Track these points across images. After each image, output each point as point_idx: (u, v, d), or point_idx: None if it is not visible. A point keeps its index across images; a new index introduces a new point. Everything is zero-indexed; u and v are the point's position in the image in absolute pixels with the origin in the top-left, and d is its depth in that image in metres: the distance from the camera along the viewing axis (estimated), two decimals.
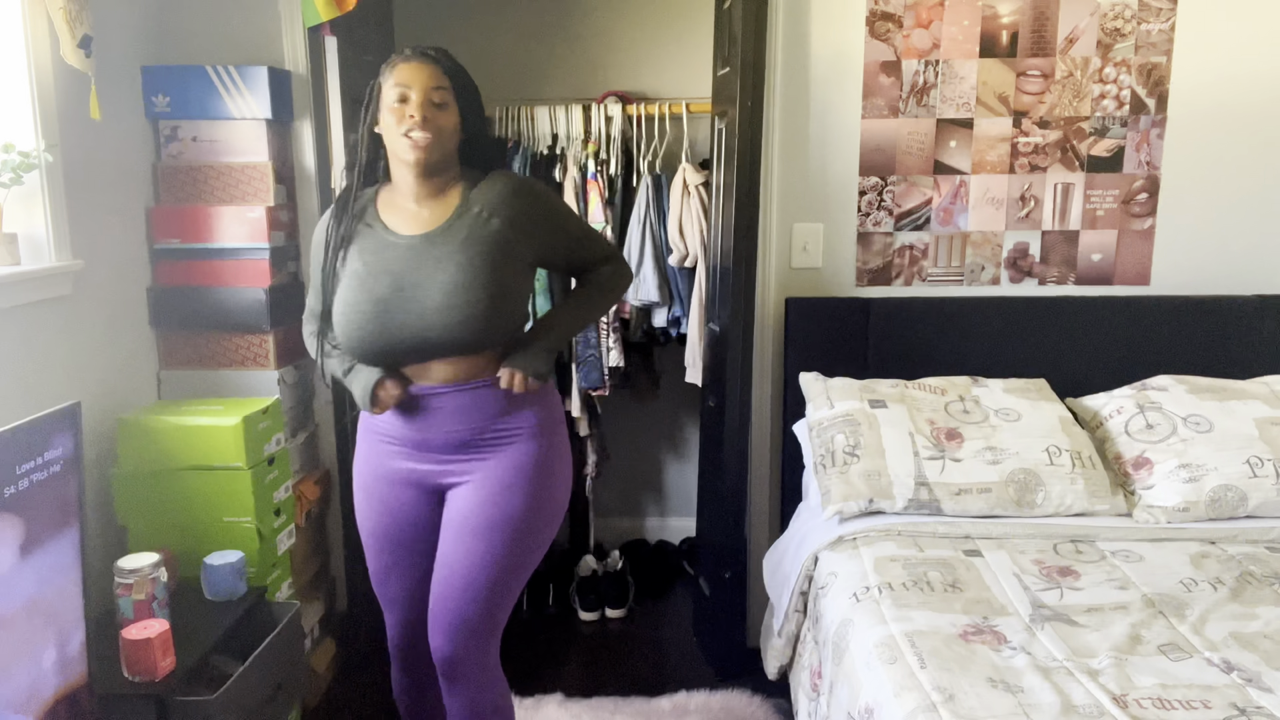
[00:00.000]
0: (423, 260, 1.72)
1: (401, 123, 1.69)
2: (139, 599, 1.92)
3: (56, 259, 2.12)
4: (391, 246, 1.75)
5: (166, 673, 1.84)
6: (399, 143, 1.71)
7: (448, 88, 1.73)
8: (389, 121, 1.72)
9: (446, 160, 1.76)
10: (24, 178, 2.04)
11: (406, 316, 1.70)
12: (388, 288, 1.71)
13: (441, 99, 1.72)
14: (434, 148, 1.71)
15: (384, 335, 1.71)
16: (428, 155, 1.71)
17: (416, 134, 1.69)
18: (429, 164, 1.73)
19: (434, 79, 1.71)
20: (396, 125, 1.70)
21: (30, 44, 2.04)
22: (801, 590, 2.24)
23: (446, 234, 1.74)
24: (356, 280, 1.74)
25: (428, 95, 1.70)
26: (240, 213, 2.48)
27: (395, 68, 1.73)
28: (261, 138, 2.49)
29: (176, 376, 2.56)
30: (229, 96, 2.47)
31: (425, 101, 1.70)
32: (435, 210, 1.77)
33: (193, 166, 2.51)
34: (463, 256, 1.71)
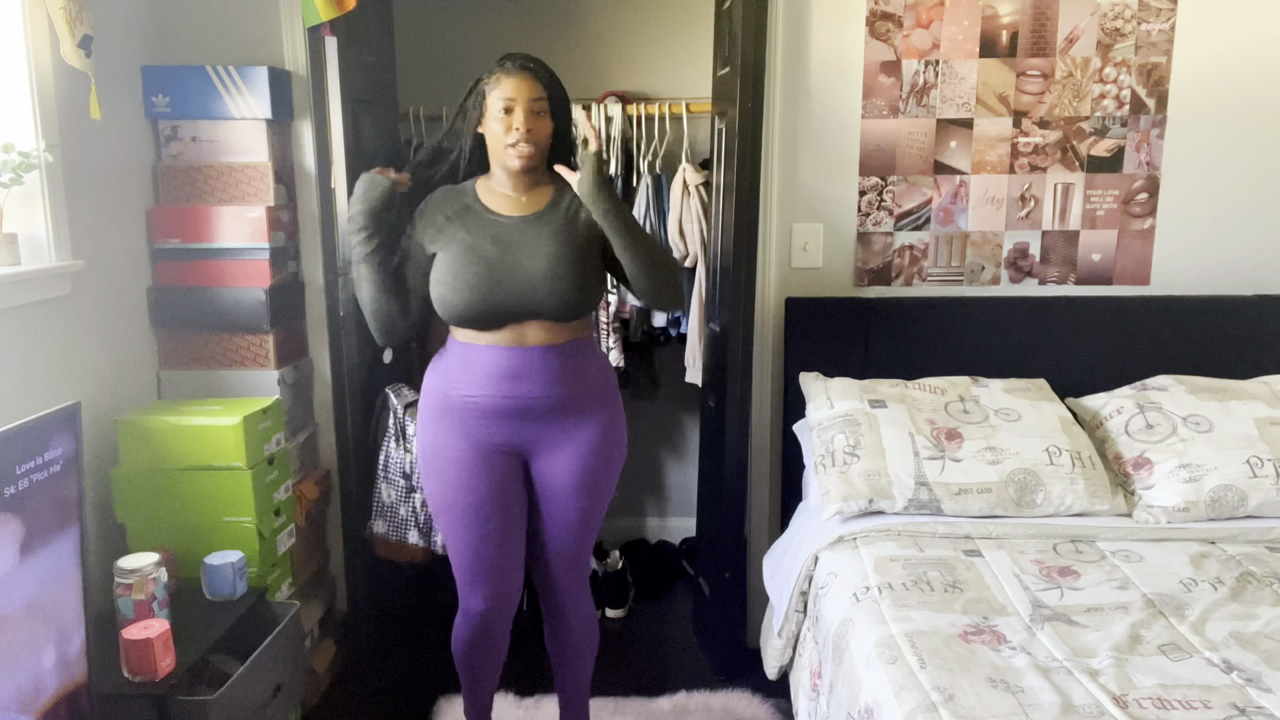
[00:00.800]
0: (526, 235, 1.95)
1: (508, 133, 1.90)
2: (139, 599, 1.92)
3: (56, 259, 2.12)
4: (496, 224, 1.97)
5: (166, 673, 1.84)
6: (505, 152, 1.92)
7: (545, 98, 1.92)
8: (495, 130, 1.92)
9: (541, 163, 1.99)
10: (24, 178, 2.04)
11: (511, 280, 1.92)
12: (495, 255, 1.93)
13: (540, 109, 1.91)
14: (536, 155, 1.93)
15: (491, 294, 1.91)
16: (530, 163, 1.93)
17: (522, 147, 1.90)
18: (530, 170, 1.96)
19: (534, 91, 1.90)
20: (504, 135, 1.90)
21: (30, 44, 2.04)
22: (801, 590, 2.24)
23: (544, 218, 1.98)
24: (463, 248, 1.94)
25: (530, 107, 1.90)
26: (240, 213, 2.48)
27: (500, 80, 1.91)
28: (261, 138, 2.49)
29: (176, 376, 2.56)
30: (229, 96, 2.47)
31: (528, 113, 1.90)
32: (531, 199, 2.00)
33: (193, 166, 2.51)
34: (562, 236, 1.95)
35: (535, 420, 1.99)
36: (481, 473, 2.00)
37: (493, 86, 1.92)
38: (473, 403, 1.98)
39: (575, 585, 2.19)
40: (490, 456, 2.00)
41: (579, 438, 2.03)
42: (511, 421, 1.99)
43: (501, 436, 2.00)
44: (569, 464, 2.04)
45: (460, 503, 2.01)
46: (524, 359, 1.95)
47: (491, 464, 2.00)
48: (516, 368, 1.95)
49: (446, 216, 1.98)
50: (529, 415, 1.98)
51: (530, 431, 2.00)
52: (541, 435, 2.01)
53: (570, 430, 2.02)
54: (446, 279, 1.94)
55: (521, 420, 1.99)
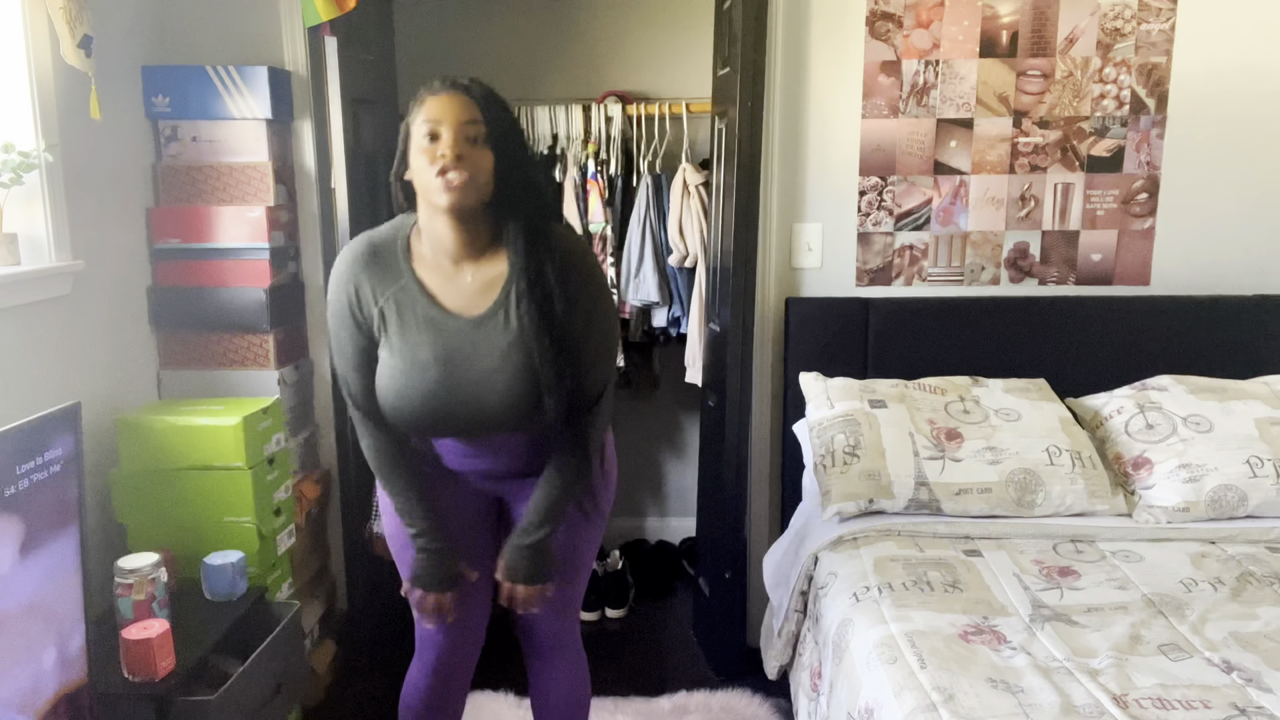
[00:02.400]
0: (477, 350, 1.60)
1: (434, 162, 1.52)
2: (139, 599, 1.92)
3: (56, 259, 2.12)
4: (439, 328, 1.60)
5: (166, 673, 1.84)
6: (432, 185, 1.53)
7: (481, 121, 1.54)
8: (420, 164, 1.54)
9: (485, 205, 1.58)
10: (24, 178, 2.04)
11: (462, 406, 1.61)
12: (440, 375, 1.60)
13: (476, 134, 1.54)
14: (470, 189, 1.53)
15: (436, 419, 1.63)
16: (464, 198, 1.53)
17: (452, 174, 1.51)
18: (465, 209, 1.55)
19: (467, 112, 1.53)
20: (429, 166, 1.52)
21: (30, 44, 2.04)
22: (801, 590, 2.24)
23: (497, 320, 1.60)
24: (404, 360, 1.61)
25: (461, 131, 1.52)
26: (240, 213, 2.48)
27: (424, 103, 1.56)
28: (261, 138, 2.49)
29: (176, 376, 2.56)
30: (229, 96, 2.47)
31: (459, 138, 1.52)
32: (479, 278, 1.62)
33: (193, 166, 2.51)
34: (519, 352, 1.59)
35: (505, 479, 1.79)
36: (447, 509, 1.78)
37: (415, 114, 1.56)
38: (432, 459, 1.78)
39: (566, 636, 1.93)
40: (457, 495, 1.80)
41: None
42: (479, 480, 1.80)
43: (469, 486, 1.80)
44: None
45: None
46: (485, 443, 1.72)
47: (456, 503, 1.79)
48: (478, 449, 1.73)
49: (384, 301, 1.62)
50: (496, 479, 1.79)
51: (502, 487, 1.81)
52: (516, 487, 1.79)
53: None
54: (388, 389, 1.63)
55: (489, 481, 1.80)
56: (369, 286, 1.63)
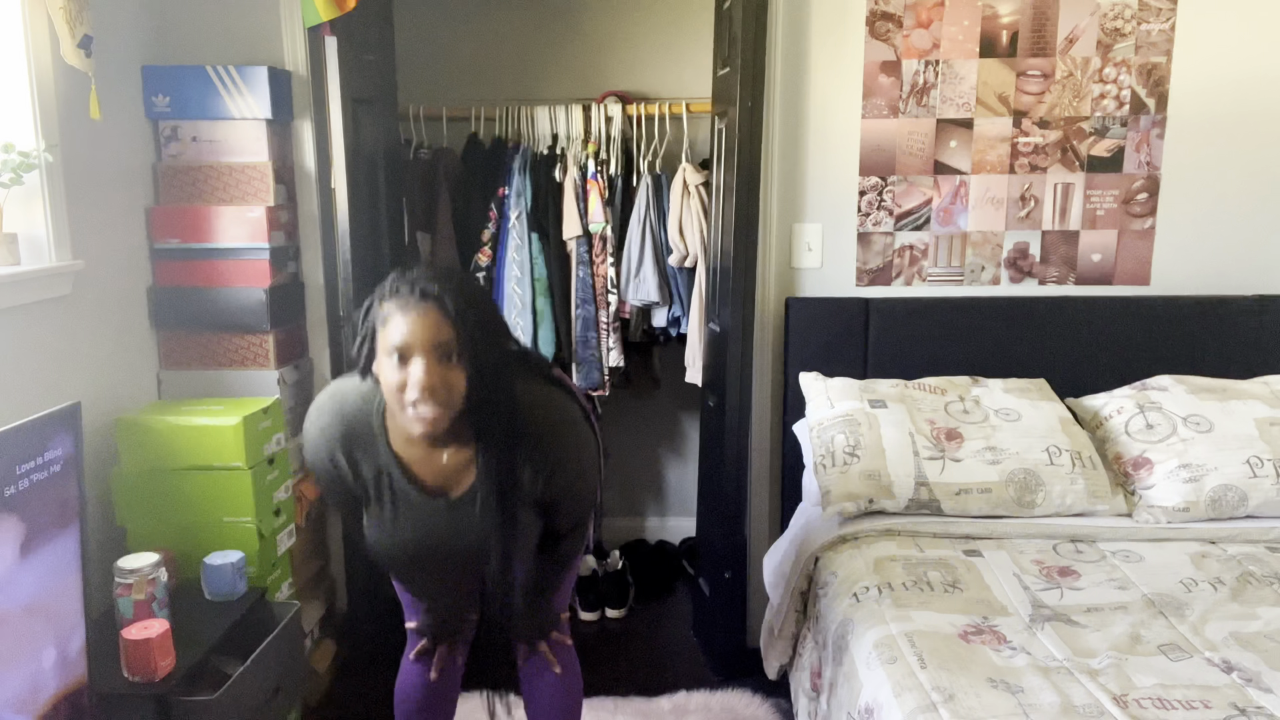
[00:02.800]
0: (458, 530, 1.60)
1: (404, 392, 1.42)
2: (139, 599, 1.91)
3: (56, 259, 2.12)
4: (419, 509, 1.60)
5: (166, 673, 1.84)
6: (403, 414, 1.45)
7: (454, 339, 1.42)
8: (389, 380, 1.44)
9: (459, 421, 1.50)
10: (24, 178, 2.04)
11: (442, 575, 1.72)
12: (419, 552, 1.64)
13: (449, 351, 1.42)
14: (443, 419, 1.44)
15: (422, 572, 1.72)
16: (437, 428, 1.45)
17: (424, 409, 1.42)
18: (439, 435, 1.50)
19: (440, 332, 1.40)
20: (397, 392, 1.43)
21: (30, 44, 2.04)
22: (801, 590, 2.24)
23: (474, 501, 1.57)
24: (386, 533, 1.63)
25: (433, 353, 1.41)
26: (240, 213, 2.48)
27: (391, 318, 1.42)
28: (261, 138, 2.49)
29: (176, 376, 2.56)
30: (229, 96, 2.47)
31: (430, 364, 1.41)
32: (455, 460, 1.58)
33: (193, 166, 2.51)
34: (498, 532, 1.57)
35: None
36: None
37: (382, 322, 1.44)
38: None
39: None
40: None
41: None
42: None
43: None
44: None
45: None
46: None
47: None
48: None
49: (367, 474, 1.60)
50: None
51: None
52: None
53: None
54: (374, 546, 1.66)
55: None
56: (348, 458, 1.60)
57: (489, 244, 3.10)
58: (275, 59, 2.57)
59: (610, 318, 3.12)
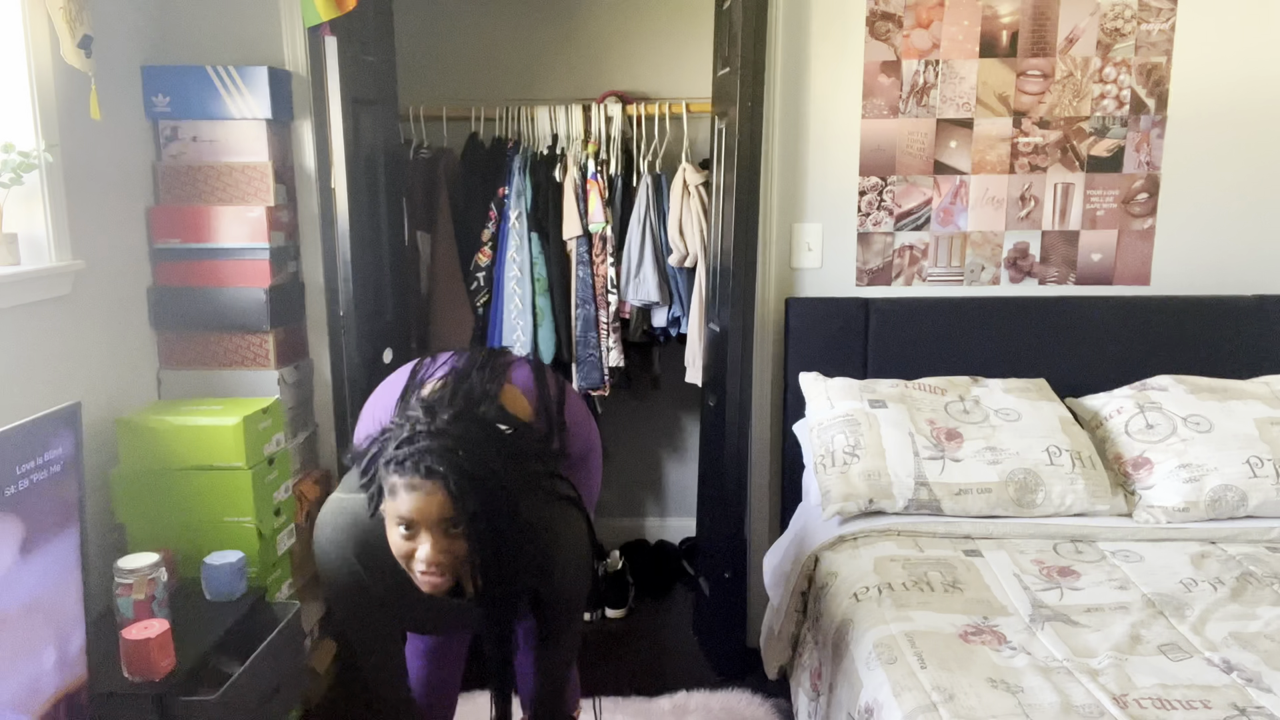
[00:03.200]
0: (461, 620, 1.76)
1: (411, 560, 1.48)
2: (139, 599, 1.91)
3: (56, 259, 2.12)
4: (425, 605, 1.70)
5: (166, 673, 1.83)
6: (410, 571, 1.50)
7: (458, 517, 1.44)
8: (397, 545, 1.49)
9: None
10: (24, 178, 2.04)
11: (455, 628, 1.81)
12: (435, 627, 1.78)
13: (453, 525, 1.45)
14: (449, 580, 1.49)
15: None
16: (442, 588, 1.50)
17: (429, 579, 1.47)
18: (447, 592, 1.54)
19: (444, 510, 1.43)
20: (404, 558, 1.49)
21: (30, 44, 2.04)
22: (801, 590, 2.24)
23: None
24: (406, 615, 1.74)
25: (438, 528, 1.44)
26: (240, 213, 2.48)
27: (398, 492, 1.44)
28: (261, 138, 2.49)
29: (176, 376, 2.56)
30: (229, 96, 2.47)
31: (436, 538, 1.45)
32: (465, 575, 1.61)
33: (193, 166, 2.51)
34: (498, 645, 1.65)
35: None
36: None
37: (390, 490, 1.46)
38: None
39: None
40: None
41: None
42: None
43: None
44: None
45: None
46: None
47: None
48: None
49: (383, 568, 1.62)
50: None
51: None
52: None
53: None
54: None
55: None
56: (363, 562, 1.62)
57: (489, 244, 3.10)
58: (275, 59, 2.57)
59: (610, 318, 3.12)
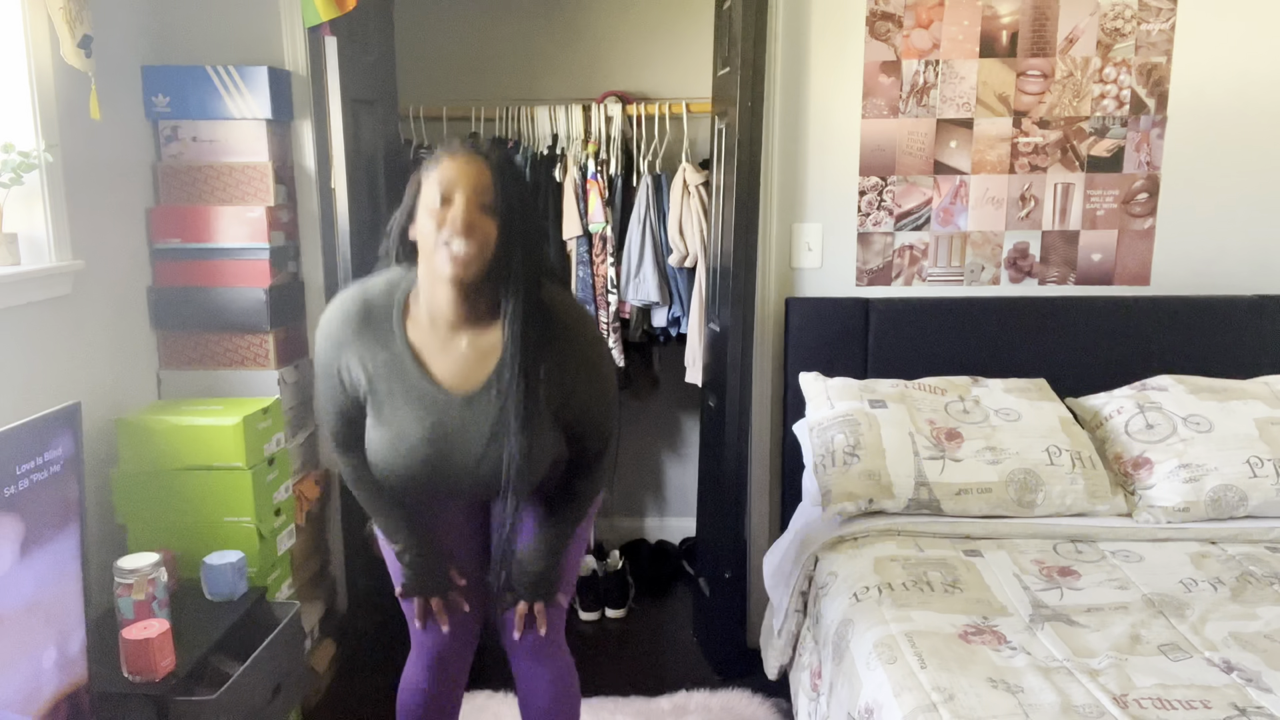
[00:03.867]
0: (467, 429, 1.58)
1: (443, 227, 1.48)
2: (139, 599, 1.91)
3: (56, 259, 2.12)
4: (429, 404, 1.58)
5: (166, 673, 1.84)
6: (437, 255, 1.49)
7: (494, 190, 1.49)
8: (427, 227, 1.50)
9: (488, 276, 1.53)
10: (24, 178, 2.04)
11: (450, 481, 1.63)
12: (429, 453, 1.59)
13: (488, 202, 1.49)
14: (475, 262, 1.49)
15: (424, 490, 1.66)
16: (467, 271, 1.49)
17: (458, 246, 1.47)
18: (469, 281, 1.51)
19: (482, 179, 1.48)
20: (436, 231, 1.48)
21: (30, 44, 2.04)
22: (801, 590, 2.24)
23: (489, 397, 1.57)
24: (392, 434, 1.60)
25: (475, 198, 1.48)
26: (240, 213, 2.48)
27: (440, 163, 1.51)
28: (261, 138, 2.49)
29: (176, 376, 2.56)
30: (229, 96, 2.47)
31: (471, 205, 1.47)
32: (475, 347, 1.59)
33: (193, 166, 2.51)
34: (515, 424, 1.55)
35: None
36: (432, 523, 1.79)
37: (429, 172, 1.52)
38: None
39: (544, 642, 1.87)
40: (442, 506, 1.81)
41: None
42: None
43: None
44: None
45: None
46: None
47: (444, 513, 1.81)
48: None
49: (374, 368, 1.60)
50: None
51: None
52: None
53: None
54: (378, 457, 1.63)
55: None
56: (358, 353, 1.60)
57: None
58: (275, 59, 2.57)
59: (610, 318, 3.12)
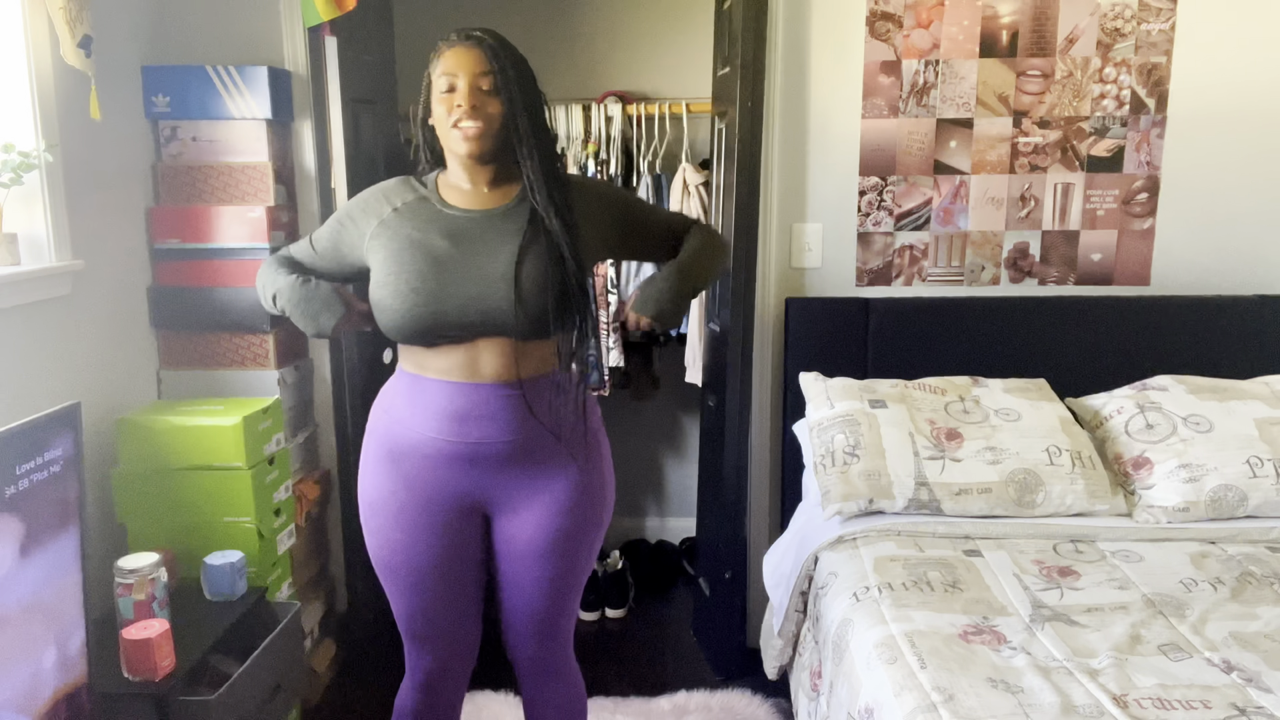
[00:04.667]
0: (487, 230, 1.66)
1: (451, 113, 1.63)
2: (139, 599, 1.92)
3: (56, 259, 2.12)
4: (451, 218, 1.68)
5: (166, 673, 1.84)
6: (450, 135, 1.65)
7: (492, 72, 1.63)
8: (439, 113, 1.66)
9: (503, 148, 1.67)
10: (24, 178, 2.04)
11: (464, 282, 1.61)
12: (446, 251, 1.63)
13: (490, 85, 1.63)
14: (486, 136, 1.64)
15: (438, 299, 1.61)
16: (480, 145, 1.64)
17: (466, 124, 1.62)
18: (483, 154, 1.66)
19: (480, 64, 1.63)
20: (447, 115, 1.64)
21: (30, 44, 2.04)
22: (801, 590, 2.24)
23: (512, 213, 1.68)
24: (408, 243, 1.65)
25: (475, 82, 1.63)
26: (240, 213, 2.48)
27: (441, 55, 1.66)
28: (261, 138, 2.49)
29: (176, 376, 2.56)
30: (229, 96, 2.47)
31: (473, 89, 1.63)
32: (497, 193, 1.71)
33: (193, 166, 2.51)
34: (531, 230, 1.65)
35: (494, 470, 1.68)
36: (426, 532, 1.71)
37: (435, 65, 1.67)
38: (418, 446, 1.67)
39: (553, 661, 1.87)
40: (438, 512, 1.70)
41: (550, 491, 1.71)
42: (466, 470, 1.68)
43: (454, 487, 1.69)
44: (537, 523, 1.72)
45: (402, 567, 1.73)
46: (479, 396, 1.64)
47: (439, 521, 1.71)
48: (470, 406, 1.64)
49: (395, 208, 1.71)
50: (486, 463, 1.67)
51: (489, 482, 1.69)
52: (503, 487, 1.70)
53: (539, 482, 1.70)
54: (386, 281, 1.64)
55: (477, 469, 1.68)
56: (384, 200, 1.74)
57: None
58: (275, 59, 2.57)
59: (610, 318, 3.12)
